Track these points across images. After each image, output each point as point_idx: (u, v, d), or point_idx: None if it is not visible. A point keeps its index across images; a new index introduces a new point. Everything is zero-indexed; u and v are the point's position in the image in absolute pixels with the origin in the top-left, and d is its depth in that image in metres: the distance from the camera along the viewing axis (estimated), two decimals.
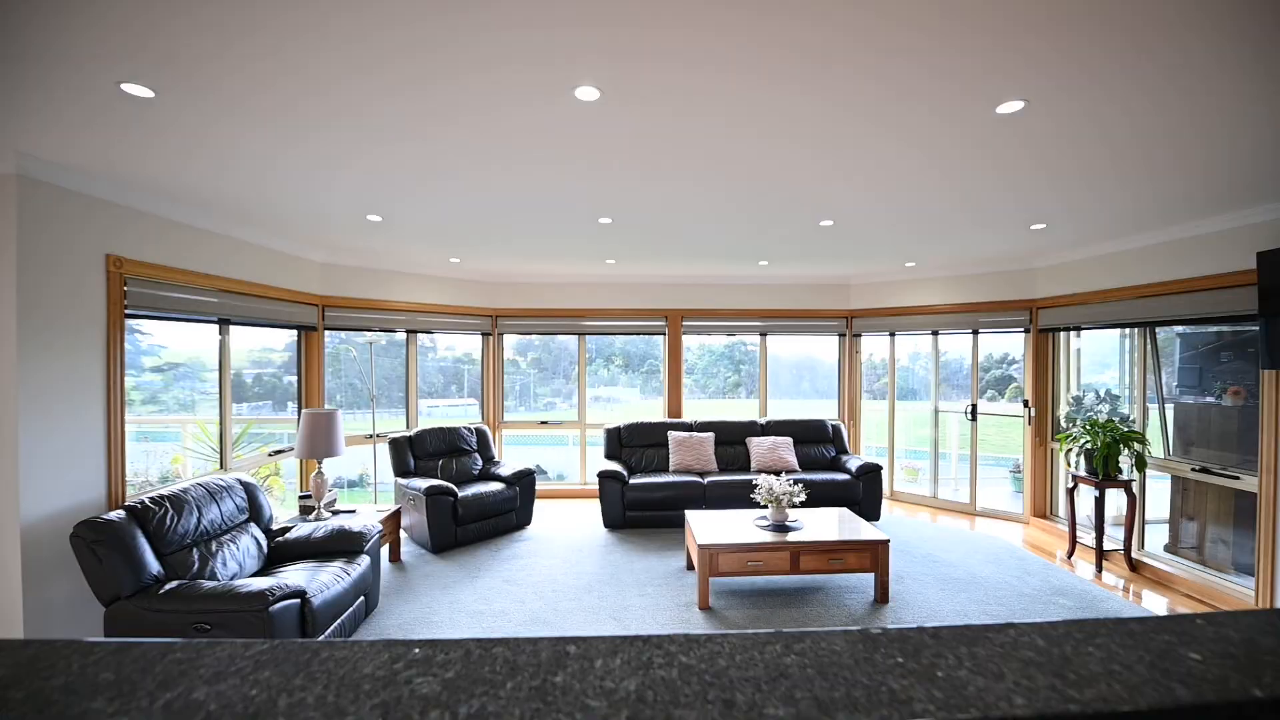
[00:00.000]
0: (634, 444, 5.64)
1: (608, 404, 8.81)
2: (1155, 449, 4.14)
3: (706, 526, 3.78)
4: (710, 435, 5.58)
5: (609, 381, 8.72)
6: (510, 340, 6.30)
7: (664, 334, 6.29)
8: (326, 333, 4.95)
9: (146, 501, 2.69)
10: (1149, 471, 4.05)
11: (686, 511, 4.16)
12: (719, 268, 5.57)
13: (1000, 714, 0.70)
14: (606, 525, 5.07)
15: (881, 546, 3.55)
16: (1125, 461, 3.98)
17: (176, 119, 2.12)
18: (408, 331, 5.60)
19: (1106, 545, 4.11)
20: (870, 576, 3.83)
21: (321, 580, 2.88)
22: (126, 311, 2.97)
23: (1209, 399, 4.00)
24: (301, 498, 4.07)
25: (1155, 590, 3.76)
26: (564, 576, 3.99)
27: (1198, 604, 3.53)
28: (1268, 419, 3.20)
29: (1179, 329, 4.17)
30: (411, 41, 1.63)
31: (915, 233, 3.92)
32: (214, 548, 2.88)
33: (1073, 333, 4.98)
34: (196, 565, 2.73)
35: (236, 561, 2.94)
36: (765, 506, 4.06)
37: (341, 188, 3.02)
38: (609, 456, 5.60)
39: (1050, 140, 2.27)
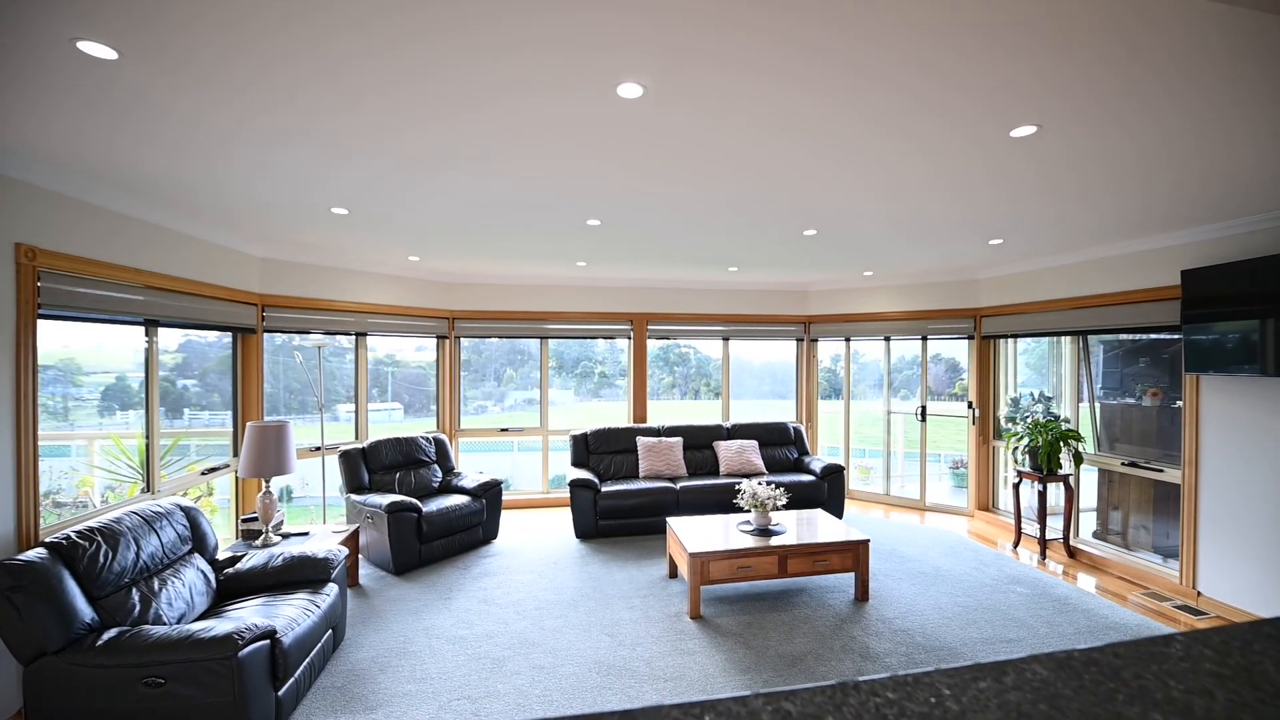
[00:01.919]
0: (602, 450, 5.52)
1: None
2: (1087, 446, 4.58)
3: (692, 534, 3.74)
4: (679, 440, 5.57)
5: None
6: (429, 341, 5.96)
7: (629, 338, 6.22)
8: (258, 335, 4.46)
9: (73, 535, 2.27)
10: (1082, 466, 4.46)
11: (668, 519, 4.10)
12: (687, 272, 5.58)
13: None
14: (578, 535, 4.92)
15: (862, 547, 3.66)
16: (1065, 458, 4.36)
17: (142, 88, 1.81)
18: (356, 334, 5.17)
19: (1046, 534, 4.49)
20: (848, 575, 3.96)
21: (288, 616, 2.56)
22: (40, 312, 2.50)
23: (1130, 400, 4.48)
24: (244, 521, 3.63)
25: (1092, 574, 4.15)
26: (544, 592, 3.81)
27: (1130, 585, 3.92)
28: (1189, 418, 3.61)
29: (1101, 337, 4.64)
30: (433, 23, 1.47)
31: (903, 241, 4.04)
32: (156, 586, 2.49)
33: (1010, 339, 5.41)
34: (138, 608, 2.34)
35: (183, 600, 2.56)
36: (747, 511, 4.09)
37: (323, 180, 2.72)
38: (576, 464, 5.45)
39: (1057, 159, 2.42)
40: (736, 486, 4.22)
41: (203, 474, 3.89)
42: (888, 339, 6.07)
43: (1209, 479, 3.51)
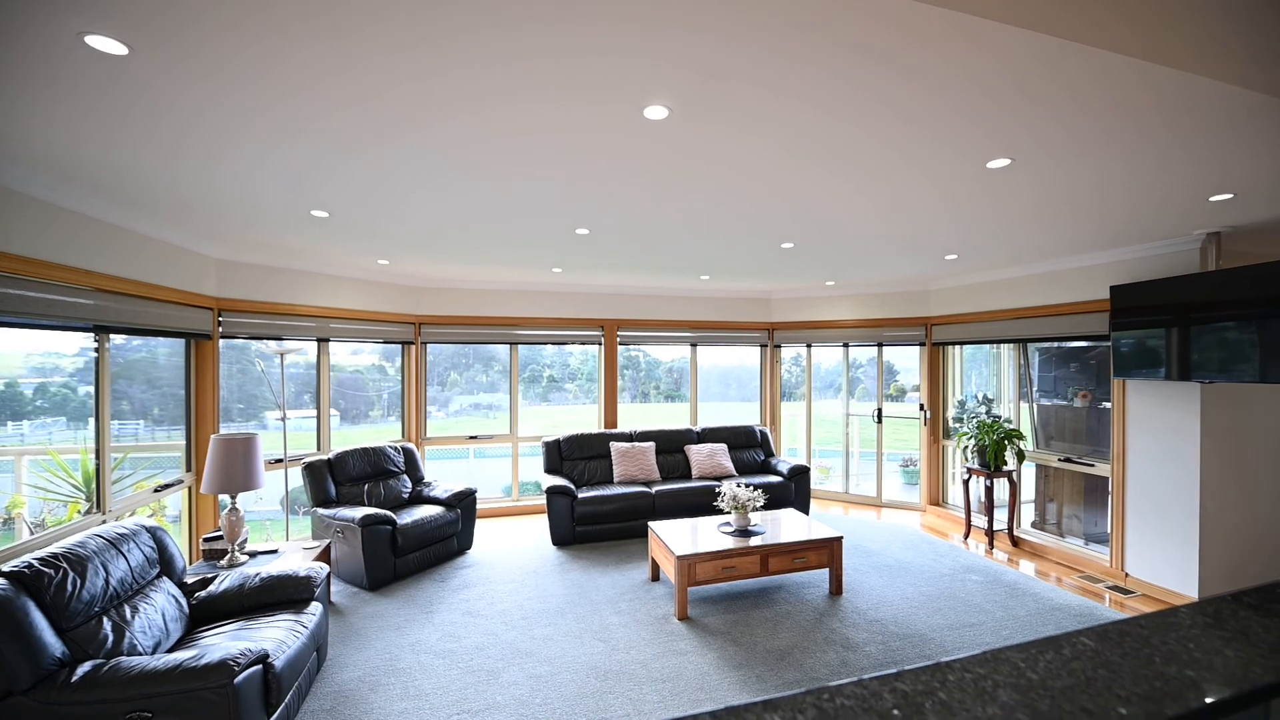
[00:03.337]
0: (575, 456, 5.52)
1: (489, 411, 8.44)
2: (1027, 443, 5.01)
3: (676, 537, 3.82)
4: (651, 445, 5.64)
5: (489, 388, 8.38)
6: (375, 346, 5.79)
7: (600, 343, 6.25)
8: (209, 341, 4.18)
9: (35, 563, 2.08)
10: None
11: (650, 523, 4.17)
12: (658, 279, 5.67)
13: (1255, 683, 0.85)
14: (556, 542, 4.89)
15: (836, 544, 3.86)
16: (1009, 455, 4.76)
17: (144, 84, 1.70)
18: (318, 340, 4.95)
19: (994, 525, 4.87)
20: (822, 571, 4.16)
21: (275, 638, 2.45)
22: None
23: (1062, 401, 4.94)
24: (206, 540, 3.41)
25: (1034, 560, 4.55)
26: (529, 601, 3.79)
27: (1067, 569, 4.34)
28: (1117, 417, 4.05)
29: (1038, 344, 5.10)
30: (443, 24, 1.43)
31: (882, 252, 4.23)
32: (128, 614, 2.31)
33: (957, 346, 5.84)
34: (110, 639, 2.17)
35: (158, 628, 2.38)
36: (727, 512, 4.22)
37: (315, 181, 2.61)
38: (549, 470, 5.42)
39: (1024, 187, 2.67)
40: (717, 489, 4.35)
41: (156, 490, 3.61)
42: (846, 345, 6.40)
43: (1134, 472, 3.94)
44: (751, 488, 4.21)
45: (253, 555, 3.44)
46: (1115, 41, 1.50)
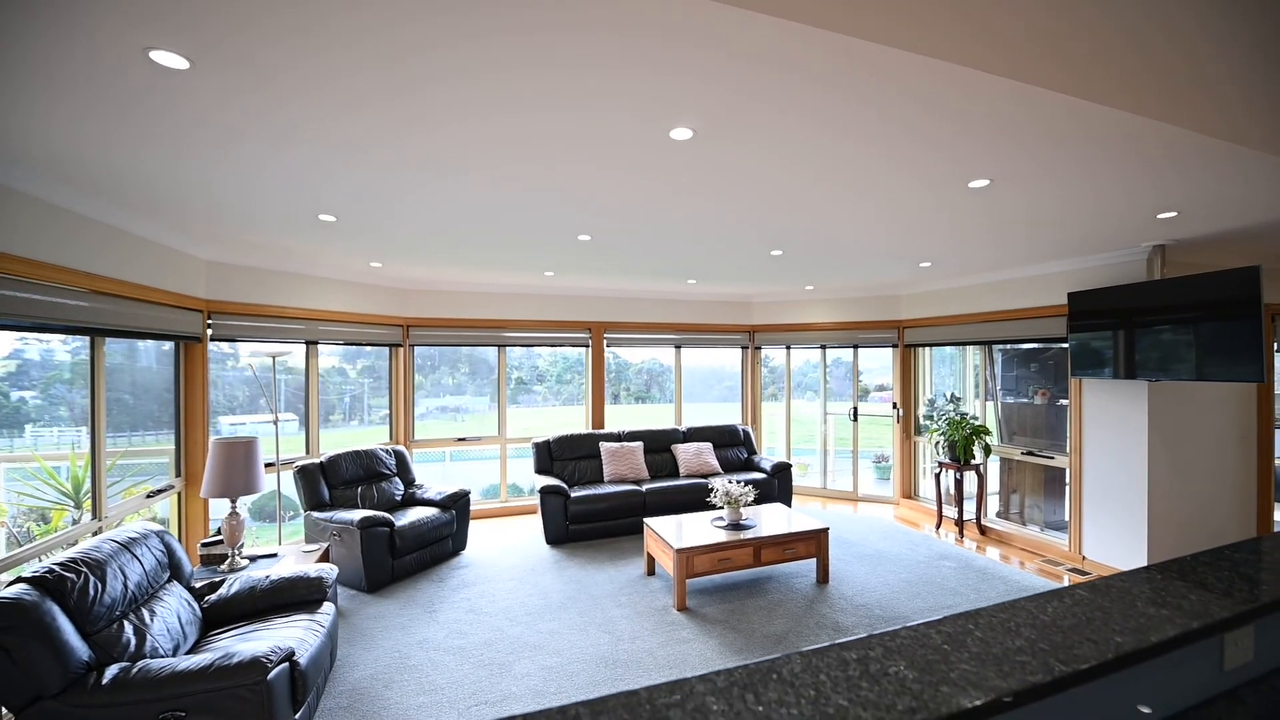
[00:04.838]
0: (564, 457, 5.61)
1: (456, 414, 8.40)
2: (992, 439, 5.36)
3: (673, 532, 3.97)
4: (639, 444, 5.78)
5: (455, 390, 8.35)
6: (336, 348, 5.72)
7: (588, 345, 6.36)
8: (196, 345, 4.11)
9: (56, 568, 2.08)
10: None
11: (645, 519, 4.31)
12: (646, 283, 5.81)
13: (1213, 619, 1.05)
14: (549, 541, 4.98)
15: (823, 535, 4.09)
16: (977, 450, 5.09)
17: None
18: (307, 343, 4.91)
19: (963, 516, 5.20)
20: (809, 561, 4.37)
21: (295, 637, 2.49)
22: None
23: (1024, 399, 5.32)
24: (204, 545, 3.38)
25: (999, 547, 4.88)
26: (530, 598, 3.87)
27: (1030, 554, 4.68)
28: (1074, 413, 4.40)
29: (1001, 346, 5.47)
30: (475, 28, 1.45)
31: (874, 258, 4.46)
32: (146, 617, 2.32)
33: (927, 348, 6.18)
34: (133, 642, 2.18)
35: (176, 631, 2.39)
36: (720, 508, 4.39)
37: (321, 183, 2.64)
38: (540, 471, 5.50)
39: (1002, 204, 2.94)
40: (710, 486, 4.51)
41: (148, 496, 3.54)
42: (824, 347, 6.68)
43: (1090, 463, 4.30)
44: (741, 483, 4.39)
45: (252, 559, 3.42)
46: (1094, 93, 1.73)
